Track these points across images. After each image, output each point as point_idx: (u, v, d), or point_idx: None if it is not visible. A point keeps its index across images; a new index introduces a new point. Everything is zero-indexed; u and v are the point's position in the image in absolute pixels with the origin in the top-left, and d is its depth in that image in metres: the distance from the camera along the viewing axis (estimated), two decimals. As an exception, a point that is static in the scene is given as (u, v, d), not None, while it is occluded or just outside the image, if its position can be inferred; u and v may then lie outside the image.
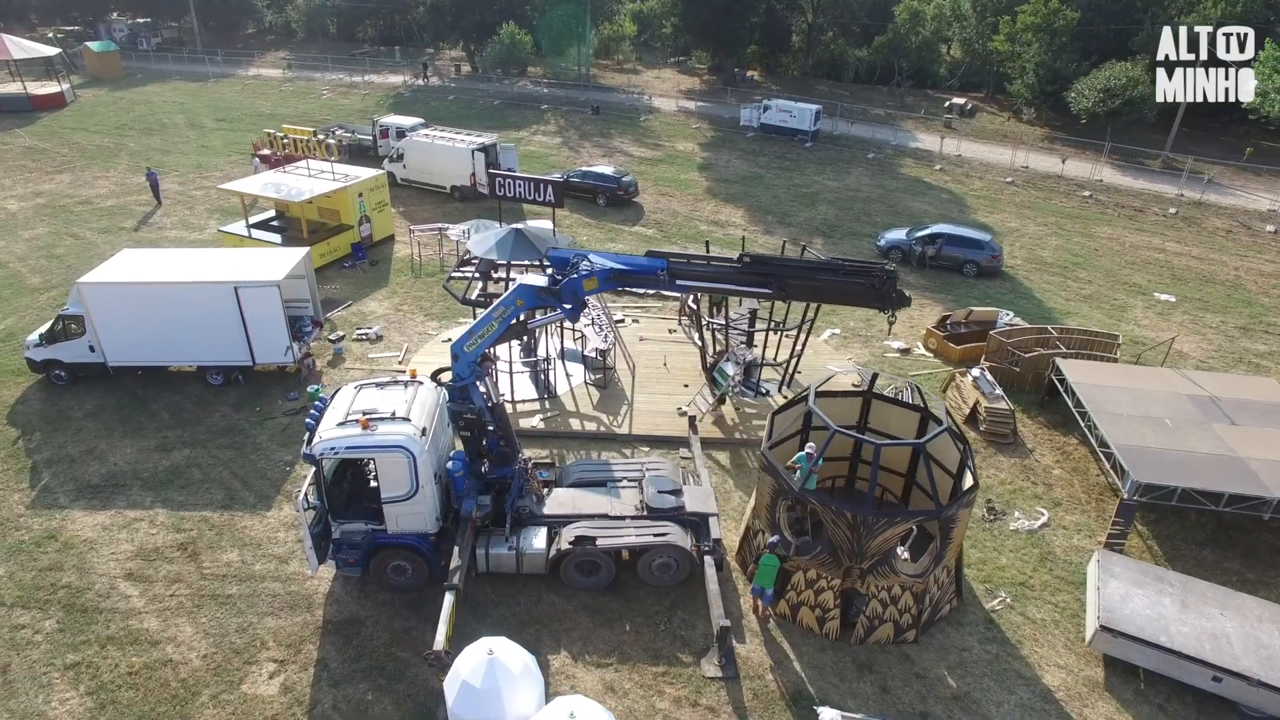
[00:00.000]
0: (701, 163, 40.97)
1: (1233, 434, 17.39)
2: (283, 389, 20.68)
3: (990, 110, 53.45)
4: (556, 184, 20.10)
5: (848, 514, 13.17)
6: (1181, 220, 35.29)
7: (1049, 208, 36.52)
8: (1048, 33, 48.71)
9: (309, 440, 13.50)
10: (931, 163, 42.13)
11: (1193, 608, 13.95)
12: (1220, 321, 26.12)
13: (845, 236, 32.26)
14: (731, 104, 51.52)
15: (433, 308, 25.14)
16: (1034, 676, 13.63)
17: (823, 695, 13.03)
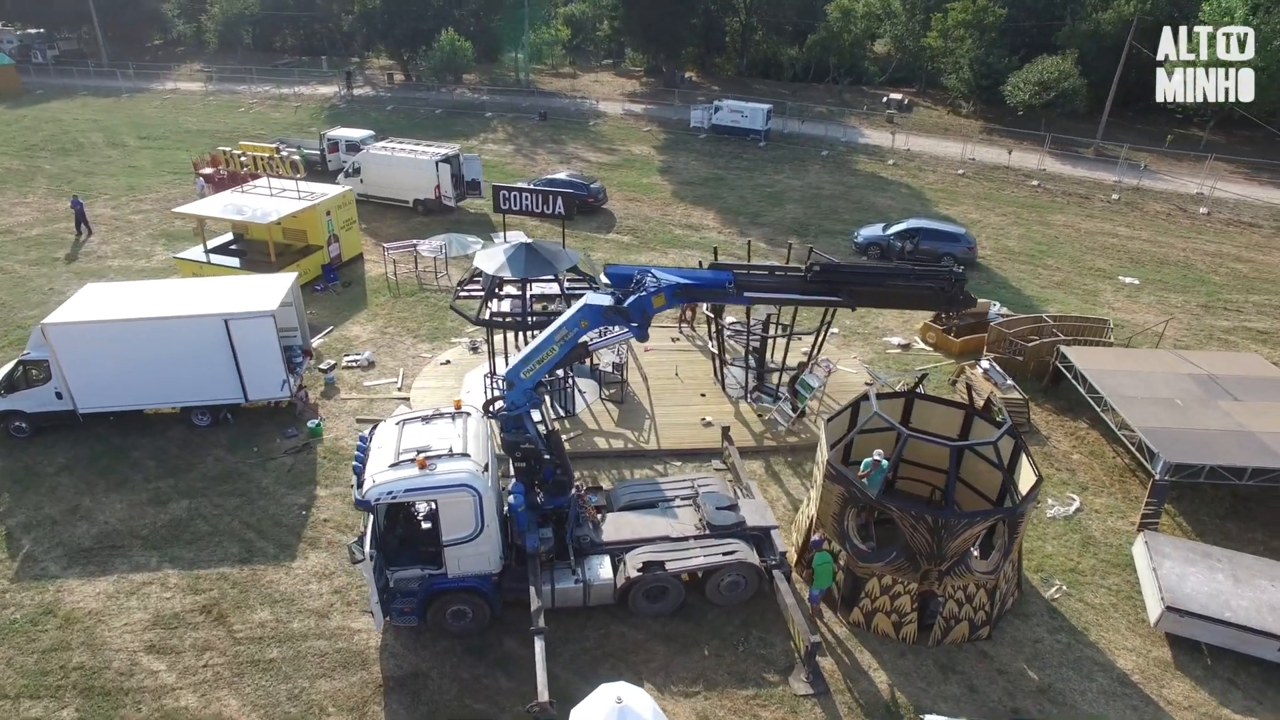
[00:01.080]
0: (661, 166, 40.70)
1: (1238, 409, 18.14)
2: (278, 426, 19.31)
3: (925, 105, 55.05)
4: (567, 196, 19.45)
5: (928, 518, 13.05)
6: (1125, 205, 37.04)
7: (1003, 198, 37.77)
8: (978, 29, 50.55)
9: (358, 485, 12.51)
10: (884, 158, 43.02)
11: (1244, 581, 14.42)
12: (1183, 301, 27.43)
13: (819, 235, 32.48)
14: (677, 105, 51.48)
15: (420, 329, 24.02)
16: (1107, 662, 13.82)
17: (915, 702, 12.87)
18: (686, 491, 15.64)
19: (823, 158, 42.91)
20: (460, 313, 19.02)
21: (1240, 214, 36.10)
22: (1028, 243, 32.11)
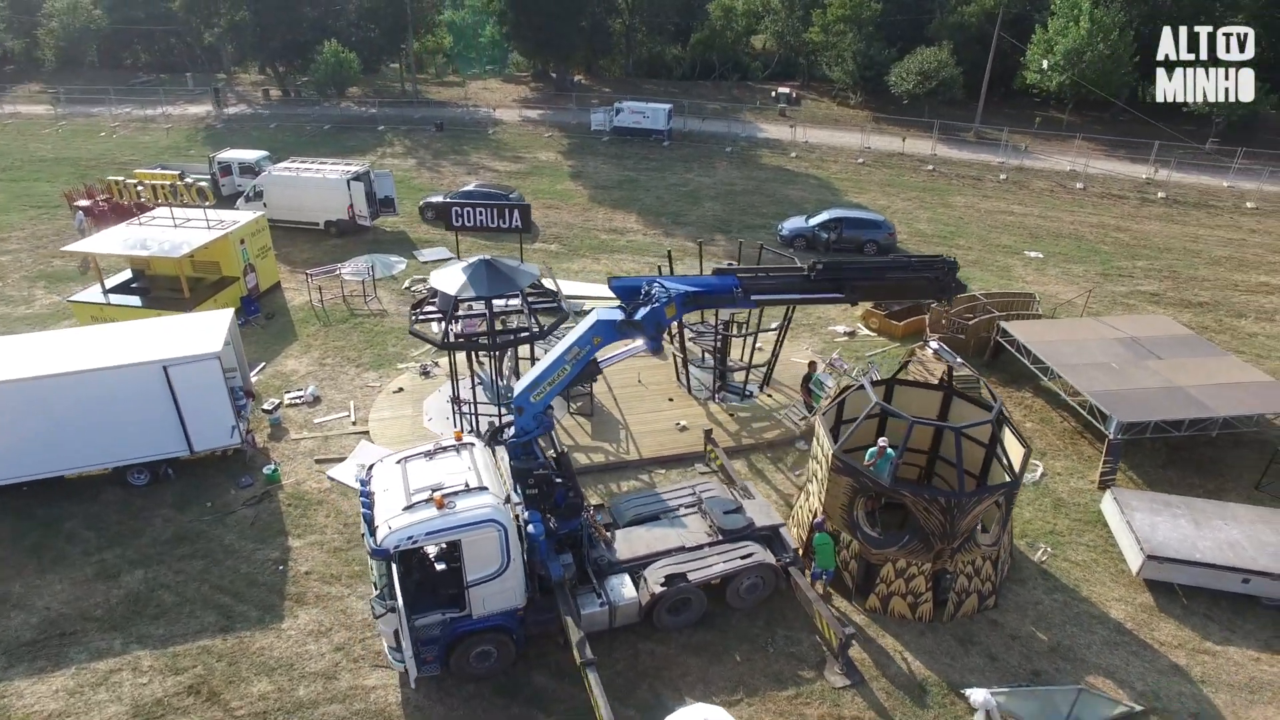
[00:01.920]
0: (571, 171, 40.29)
1: (1163, 367, 19.76)
2: (229, 476, 17.80)
3: (812, 98, 57.05)
4: (524, 208, 18.82)
5: (941, 499, 13.48)
6: (1012, 184, 39.69)
7: (904, 183, 39.66)
8: (856, 23, 52.84)
9: (371, 533, 11.65)
10: (786, 151, 44.27)
11: (1203, 524, 15.70)
12: (1084, 271, 29.66)
13: (743, 230, 33.02)
14: (573, 109, 51.10)
15: (361, 357, 22.74)
16: (1102, 614, 14.72)
17: (945, 677, 13.27)
18: (689, 499, 15.51)
19: (727, 154, 43.69)
20: (423, 337, 18.12)
21: (1109, 188, 39.41)
22: (937, 225, 33.83)
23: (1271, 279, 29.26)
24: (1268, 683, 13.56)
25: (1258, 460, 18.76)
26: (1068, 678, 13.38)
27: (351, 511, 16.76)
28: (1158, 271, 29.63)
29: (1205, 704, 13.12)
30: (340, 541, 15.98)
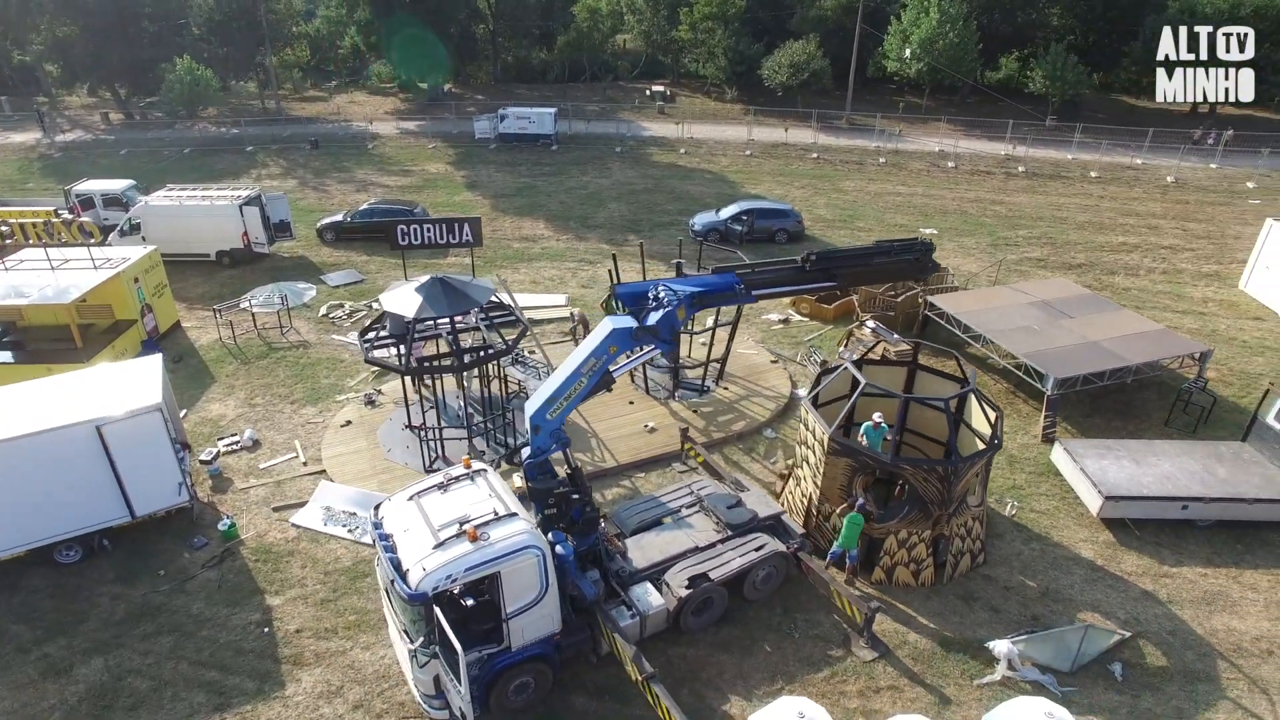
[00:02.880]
0: (466, 182, 39.21)
1: (1075, 325, 21.62)
2: (177, 538, 16.16)
3: (685, 94, 58.24)
4: (474, 221, 18.12)
5: (939, 468, 14.18)
6: (892, 167, 42.14)
7: (795, 171, 41.24)
8: (723, 20, 54.40)
9: (401, 579, 10.89)
10: (674, 147, 44.96)
11: (1141, 462, 17.34)
12: (976, 243, 31.95)
13: (654, 229, 33.33)
14: (450, 119, 49.73)
15: (293, 393, 21.23)
16: (1075, 555, 15.97)
17: (959, 634, 14.00)
18: (689, 499, 15.52)
19: (617, 154, 43.87)
20: (383, 364, 17.12)
21: (976, 165, 42.63)
22: (835, 209, 35.41)
23: (1128, 239, 32.60)
24: (1219, 593, 15.16)
25: (1160, 400, 20.88)
26: (1062, 617, 14.44)
27: (328, 559, 15.65)
28: (1036, 239, 32.36)
29: (1175, 621, 14.51)
30: (325, 592, 14.87)
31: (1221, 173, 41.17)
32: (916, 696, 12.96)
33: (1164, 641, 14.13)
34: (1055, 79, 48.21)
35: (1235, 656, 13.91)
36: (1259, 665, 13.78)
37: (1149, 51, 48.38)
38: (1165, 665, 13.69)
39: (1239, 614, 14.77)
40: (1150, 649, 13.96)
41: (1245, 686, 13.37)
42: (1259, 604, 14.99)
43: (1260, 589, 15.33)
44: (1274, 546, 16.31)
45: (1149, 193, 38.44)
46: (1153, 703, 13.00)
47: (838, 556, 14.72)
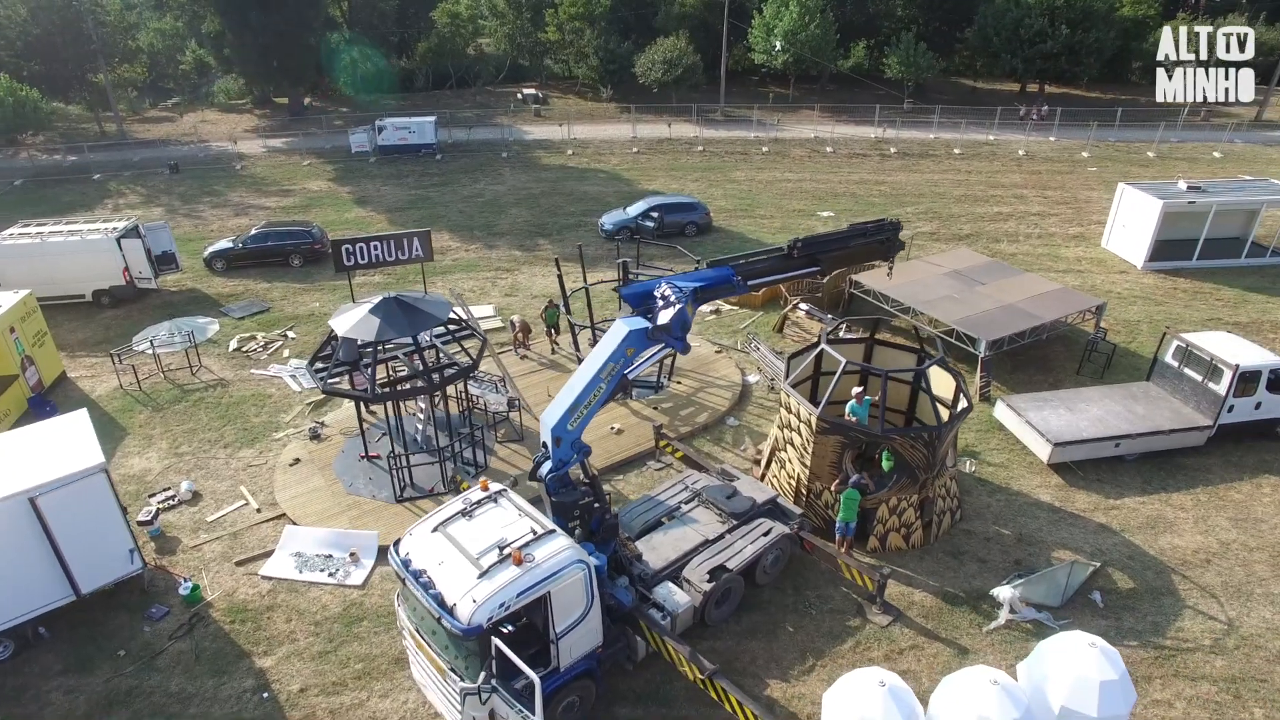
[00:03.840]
0: (354, 198, 37.29)
1: (989, 290, 23.33)
2: (131, 612, 14.51)
3: (557, 95, 57.92)
4: (424, 235, 17.28)
5: (925, 435, 14.95)
6: (775, 155, 43.71)
7: (685, 165, 41.97)
8: (589, 20, 54.50)
9: (450, 615, 10.28)
10: (561, 149, 44.65)
11: (1074, 409, 18.98)
12: (870, 220, 33.69)
13: (561, 231, 33.05)
14: (318, 134, 47.13)
15: (223, 435, 19.54)
16: (1036, 500, 17.30)
17: (958, 587, 14.85)
18: (686, 494, 15.58)
19: (505, 160, 43.08)
20: (340, 393, 16.07)
21: (852, 149, 44.98)
22: (734, 200, 36.34)
23: (1001, 209, 35.46)
24: (1157, 517, 16.87)
25: (1068, 352, 22.92)
26: (1039, 558, 15.63)
27: (314, 608, 14.57)
28: (924, 214, 34.58)
29: (1130, 546, 16.03)
30: (321, 644, 13.83)
31: (1061, 145, 45.52)
32: (937, 652, 13.64)
33: (1126, 566, 15.57)
34: (909, 65, 51.61)
35: (1184, 569, 15.53)
36: (1203, 573, 15.46)
37: (983, 38, 52.98)
38: (1134, 586, 15.10)
39: (1177, 532, 16.49)
40: (1118, 574, 15.35)
41: (1198, 593, 14.96)
42: (1189, 521, 16.80)
43: (1187, 508, 17.17)
44: (1188, 470, 18.29)
45: (1006, 166, 41.94)
46: (1133, 621, 14.30)
47: (843, 529, 15.17)
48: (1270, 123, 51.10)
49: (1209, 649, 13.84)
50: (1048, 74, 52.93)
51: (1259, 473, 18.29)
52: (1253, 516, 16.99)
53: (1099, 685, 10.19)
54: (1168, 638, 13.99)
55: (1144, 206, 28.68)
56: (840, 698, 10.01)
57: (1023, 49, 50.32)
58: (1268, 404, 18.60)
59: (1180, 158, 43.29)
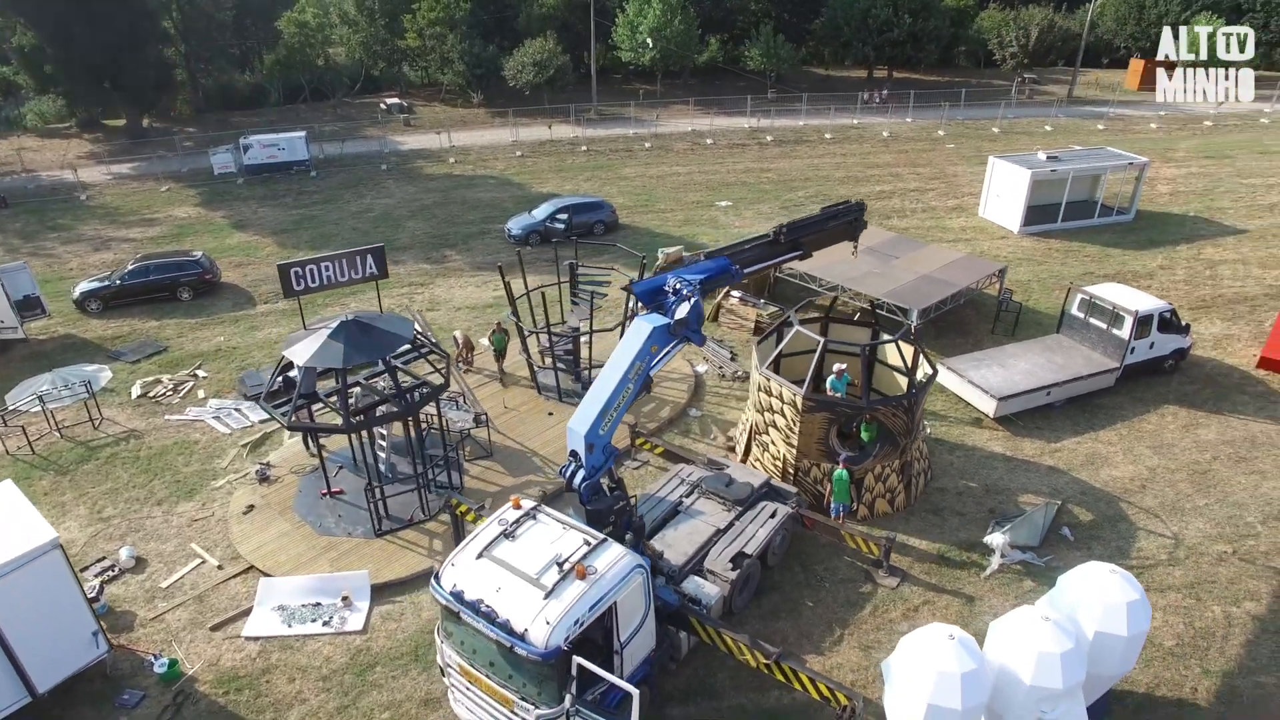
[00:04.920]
0: (230, 222, 34.43)
1: (905, 263, 24.75)
2: (97, 704, 12.82)
3: (420, 103, 55.98)
4: (378, 251, 16.23)
5: (904, 402, 15.72)
6: (660, 149, 44.32)
7: (573, 166, 41.74)
8: (450, 25, 53.01)
9: (522, 642, 9.78)
10: (443, 158, 43.23)
11: (1005, 364, 20.56)
12: (768, 209, 34.90)
13: (467, 239, 32.09)
14: (169, 156, 43.14)
15: (153, 491, 17.64)
16: (991, 451, 18.63)
17: (949, 541, 15.78)
18: (684, 488, 15.63)
19: (385, 172, 41.20)
20: (314, 428, 14.90)
21: (730, 139, 46.33)
22: (631, 196, 36.52)
23: (882, 187, 37.72)
24: (1093, 453, 18.61)
25: (977, 314, 24.77)
26: (1008, 504, 16.86)
27: (317, 662, 13.47)
28: (814, 197, 36.13)
29: (1079, 483, 17.61)
30: (335, 699, 12.80)
31: (919, 125, 48.95)
32: (948, 604, 14.43)
33: (1081, 500, 17.09)
34: (770, 56, 53.75)
35: (1127, 497, 17.23)
36: (1142, 497, 17.22)
37: (834, 27, 56.05)
38: (1093, 518, 16.59)
39: (1112, 465, 18.26)
40: (1077, 509, 16.82)
41: (1144, 516, 16.66)
42: (1119, 454, 18.64)
43: (1114, 443, 19.04)
44: (1105, 409, 20.27)
45: (875, 147, 44.62)
46: (1100, 549, 15.72)
47: (839, 509, 15.68)
48: (1080, 99, 57.17)
49: (1166, 562, 15.46)
50: (896, 60, 56.72)
51: (1160, 404, 20.55)
52: (1166, 443, 19.07)
53: (1126, 606, 11.13)
54: (1132, 558, 15.50)
55: (1014, 177, 31.41)
56: (911, 657, 10.36)
57: (872, 37, 53.67)
58: (1159, 343, 20.95)
59: (1019, 132, 47.68)
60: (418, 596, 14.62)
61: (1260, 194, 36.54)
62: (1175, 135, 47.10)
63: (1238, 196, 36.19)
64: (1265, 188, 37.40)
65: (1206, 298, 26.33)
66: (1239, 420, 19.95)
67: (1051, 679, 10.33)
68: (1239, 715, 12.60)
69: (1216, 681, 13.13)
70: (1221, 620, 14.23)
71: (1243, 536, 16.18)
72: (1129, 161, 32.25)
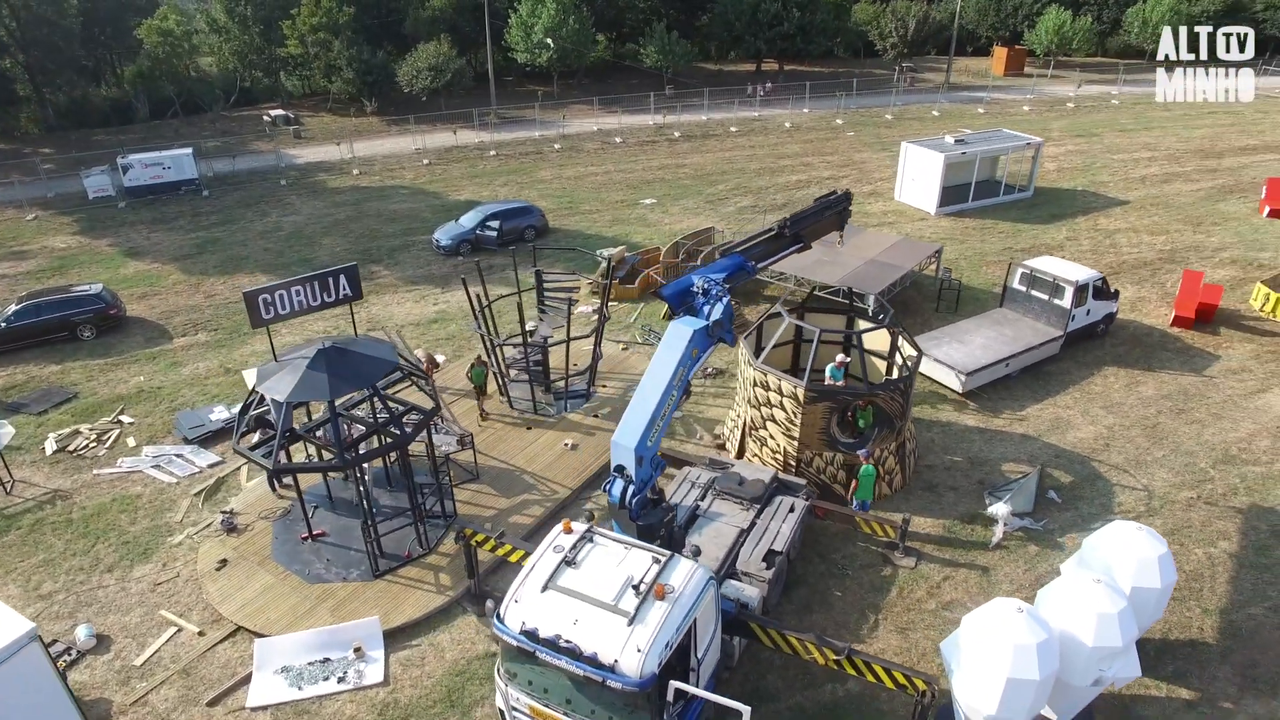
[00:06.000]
0: (122, 250, 31.28)
1: (851, 249, 25.26)
2: (88, 803, 11.27)
3: (306, 114, 52.97)
4: (351, 270, 14.99)
5: (900, 385, 16.02)
6: (571, 150, 43.71)
7: (487, 171, 40.51)
8: (333, 30, 50.34)
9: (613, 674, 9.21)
10: (346, 170, 41.00)
11: (962, 340, 21.39)
12: (694, 203, 35.04)
13: (391, 253, 30.53)
14: (31, 181, 38.90)
15: (99, 558, 15.73)
16: (965, 426, 19.31)
17: (951, 516, 16.22)
18: (697, 491, 15.36)
19: (287, 188, 38.65)
20: (300, 468, 13.61)
21: (639, 137, 46.28)
22: (553, 199, 35.77)
23: (797, 176, 38.62)
24: (1056, 418, 19.65)
25: (919, 294, 25.70)
26: (996, 474, 17.52)
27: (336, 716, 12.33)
28: (735, 190, 36.63)
29: (1051, 447, 18.53)
30: (369, 758, 11.75)
31: (817, 115, 50.53)
32: (967, 577, 14.82)
33: (1056, 464, 17.97)
34: (666, 53, 54.07)
35: (1095, 456, 18.27)
36: (1108, 455, 18.31)
37: (725, 23, 57.04)
38: (1072, 480, 17.48)
39: (1075, 427, 19.33)
40: (1057, 472, 17.68)
41: (1115, 472, 17.70)
42: (1078, 416, 19.75)
43: (1072, 406, 20.17)
44: (1055, 376, 21.43)
45: (781, 138, 45.69)
46: (1086, 507, 16.60)
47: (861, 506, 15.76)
48: (957, 85, 60.70)
49: (1145, 513, 16.47)
50: (787, 53, 58.30)
51: (1101, 365, 21.95)
52: (1114, 402, 20.37)
53: (1157, 560, 11.73)
54: (1115, 513, 16.42)
55: (928, 160, 32.84)
56: (980, 634, 10.46)
57: (763, 31, 54.94)
58: (1094, 310, 22.37)
59: (911, 118, 50.05)
60: (436, 637, 13.67)
61: (1130, 168, 39.84)
62: (1046, 116, 50.72)
63: (1113, 171, 39.31)
64: (1133, 162, 40.81)
65: (1113, 264, 28.36)
66: (1169, 375, 21.57)
67: (1112, 638, 10.71)
68: (1242, 646, 13.55)
69: (1216, 619, 14.08)
70: (1205, 562, 15.28)
71: (1200, 482, 17.47)
72: (1026, 142, 34.39)
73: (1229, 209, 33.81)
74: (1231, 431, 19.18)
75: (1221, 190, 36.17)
